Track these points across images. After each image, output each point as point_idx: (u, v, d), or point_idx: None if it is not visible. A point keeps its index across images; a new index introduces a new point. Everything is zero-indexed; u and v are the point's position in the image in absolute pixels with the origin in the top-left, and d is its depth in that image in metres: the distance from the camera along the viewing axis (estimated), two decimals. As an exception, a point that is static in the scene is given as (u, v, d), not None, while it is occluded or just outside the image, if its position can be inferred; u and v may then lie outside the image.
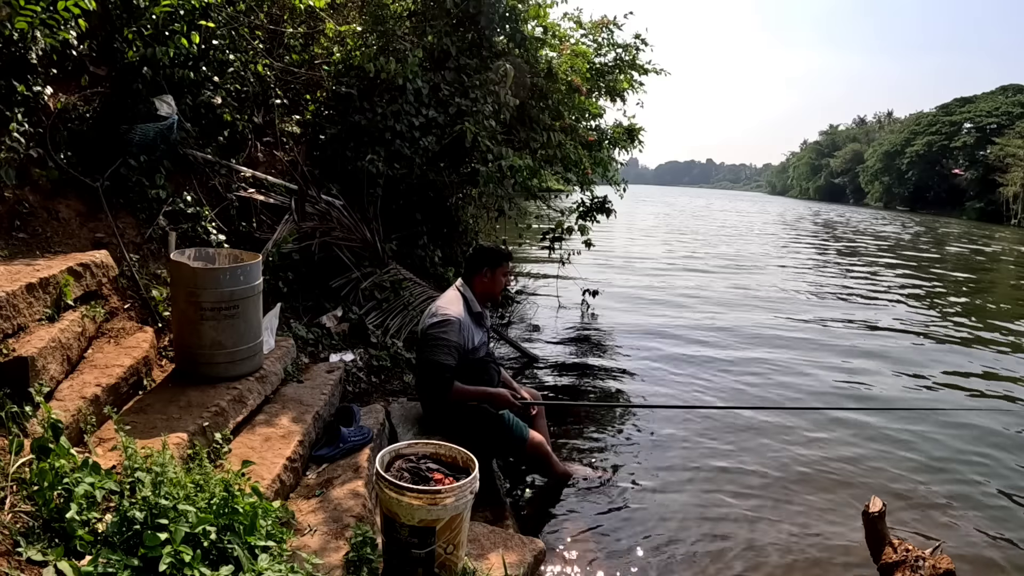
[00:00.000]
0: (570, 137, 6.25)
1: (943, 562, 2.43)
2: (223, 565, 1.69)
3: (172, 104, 3.60)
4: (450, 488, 1.98)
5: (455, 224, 6.31)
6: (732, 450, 3.96)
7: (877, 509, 2.62)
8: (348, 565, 2.01)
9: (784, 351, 6.33)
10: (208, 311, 2.77)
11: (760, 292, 9.82)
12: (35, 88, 3.05)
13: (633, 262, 12.29)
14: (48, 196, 3.11)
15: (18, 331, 2.29)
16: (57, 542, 1.65)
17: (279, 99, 4.79)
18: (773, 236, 21.87)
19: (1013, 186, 44.58)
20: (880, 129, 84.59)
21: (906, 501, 3.45)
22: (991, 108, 55.81)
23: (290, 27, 5.13)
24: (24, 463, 1.80)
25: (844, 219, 36.33)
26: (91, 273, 2.80)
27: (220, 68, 4.21)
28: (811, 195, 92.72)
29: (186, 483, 1.88)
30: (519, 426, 3.15)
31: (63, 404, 2.22)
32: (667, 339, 6.58)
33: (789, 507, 3.32)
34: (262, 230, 4.29)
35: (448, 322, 3.05)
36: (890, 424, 4.52)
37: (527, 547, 2.48)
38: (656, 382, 5.24)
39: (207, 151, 4.09)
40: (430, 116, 4.90)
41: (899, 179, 63.36)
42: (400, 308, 4.67)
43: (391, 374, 4.21)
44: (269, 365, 3.13)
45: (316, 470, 2.76)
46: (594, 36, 6.79)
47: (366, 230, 4.75)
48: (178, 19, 3.70)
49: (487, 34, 5.31)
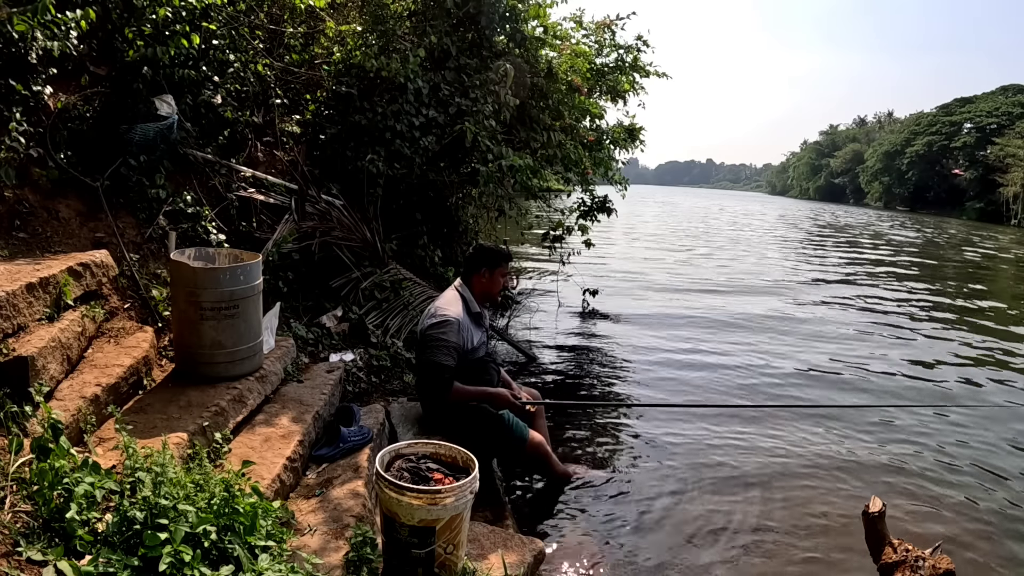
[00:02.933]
0: (570, 137, 6.25)
1: (943, 562, 2.43)
2: (223, 565, 1.69)
3: (172, 104, 3.59)
4: (450, 488, 1.98)
5: (455, 224, 6.31)
6: (732, 449, 3.96)
7: (877, 509, 2.62)
8: (348, 565, 2.01)
9: (785, 349, 6.33)
10: (208, 311, 2.77)
11: (771, 299, 9.82)
12: (35, 88, 3.05)
13: (635, 276, 11.06)
14: (48, 196, 3.11)
15: (18, 331, 2.29)
16: (57, 542, 1.65)
17: (279, 99, 4.79)
18: (783, 239, 21.79)
19: (1013, 186, 44.58)
20: (880, 129, 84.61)
21: (906, 501, 3.45)
22: (991, 108, 55.81)
23: (290, 27, 5.13)
24: (24, 463, 1.81)
25: (861, 222, 33.43)
26: (91, 273, 2.80)
27: (220, 68, 4.21)
28: (811, 195, 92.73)
29: (186, 483, 1.88)
30: (519, 426, 3.15)
31: (63, 404, 2.22)
32: (668, 338, 6.58)
33: (789, 506, 3.32)
34: (262, 230, 4.29)
35: (447, 323, 3.05)
36: (890, 424, 4.52)
37: (527, 547, 2.48)
38: (656, 381, 5.24)
39: (207, 151, 4.09)
40: (430, 116, 4.90)
41: (899, 179, 63.38)
42: (400, 308, 4.67)
43: (391, 374, 4.21)
44: (269, 365, 3.13)
45: (316, 470, 2.76)
46: (596, 36, 6.79)
47: (366, 230, 4.75)
48: (179, 19, 3.70)
49: (487, 34, 5.31)
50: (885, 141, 70.31)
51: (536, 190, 5.82)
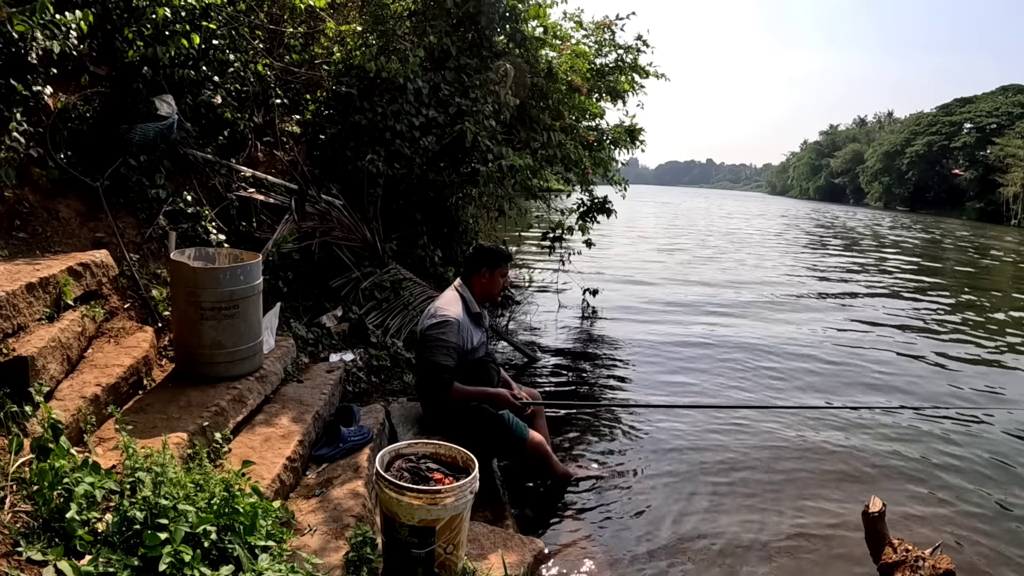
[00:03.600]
0: (570, 137, 6.25)
1: (943, 562, 2.43)
2: (223, 565, 1.69)
3: (172, 104, 3.59)
4: (450, 488, 1.98)
5: (455, 224, 6.31)
6: (732, 449, 3.96)
7: (877, 509, 2.62)
8: (348, 565, 2.01)
9: (786, 350, 6.33)
10: (208, 311, 2.77)
11: (776, 298, 9.82)
12: (35, 88, 3.05)
13: (636, 276, 10.88)
14: (48, 196, 3.11)
15: (18, 331, 2.29)
16: (57, 542, 1.65)
17: (279, 99, 4.79)
18: (784, 239, 21.79)
19: (1013, 186, 44.59)
20: (880, 129, 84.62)
21: (906, 501, 3.45)
22: (991, 108, 55.82)
23: (290, 27, 5.13)
24: (24, 463, 1.81)
25: (868, 225, 32.02)
26: (91, 273, 2.80)
27: (220, 68, 4.21)
28: (811, 195, 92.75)
29: (186, 483, 1.88)
30: (519, 426, 3.15)
31: (63, 404, 2.22)
32: (668, 338, 6.58)
33: (789, 507, 3.32)
34: (262, 230, 4.29)
35: (447, 323, 3.05)
36: (891, 425, 4.52)
37: (527, 547, 2.48)
38: (656, 381, 5.24)
39: (207, 151, 4.09)
40: (430, 116, 4.90)
41: (899, 179, 63.38)
42: (400, 308, 4.67)
43: (391, 374, 4.21)
44: (269, 365, 3.13)
45: (316, 470, 2.76)
46: (596, 37, 6.79)
47: (366, 230, 4.75)
48: (179, 19, 3.70)
49: (487, 34, 5.31)
50: (885, 141, 70.32)
51: (536, 190, 5.82)
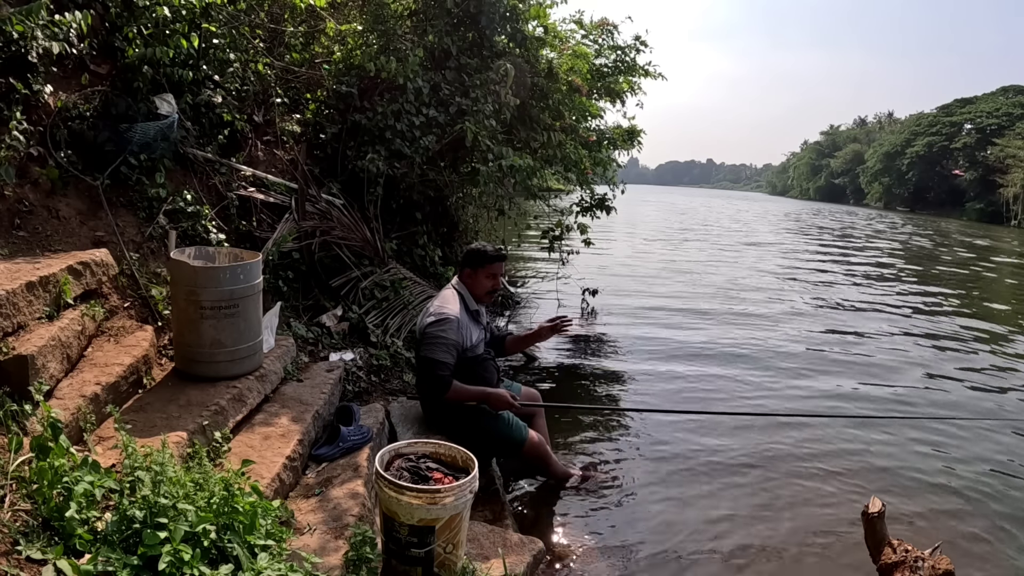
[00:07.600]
0: (570, 137, 6.25)
1: (943, 563, 2.43)
2: (222, 564, 1.70)
3: (172, 103, 3.59)
4: (449, 487, 1.98)
5: (455, 224, 6.31)
6: (732, 452, 3.95)
7: (877, 509, 2.62)
8: (348, 564, 2.01)
9: (787, 352, 6.33)
10: (208, 310, 2.77)
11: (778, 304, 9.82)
12: (35, 86, 3.05)
13: (636, 276, 10.86)
14: (48, 194, 3.10)
15: (18, 329, 2.29)
16: (56, 540, 1.65)
17: (279, 98, 4.78)
18: (784, 240, 21.79)
19: (1013, 187, 44.61)
20: (880, 130, 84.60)
21: (906, 502, 3.45)
22: (991, 109, 55.82)
23: (290, 26, 5.13)
24: (24, 461, 1.81)
25: (868, 225, 31.22)
26: (91, 272, 2.80)
27: (220, 67, 4.21)
28: (811, 195, 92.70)
29: (186, 482, 1.88)
30: (518, 426, 3.15)
31: (63, 402, 2.22)
32: (668, 339, 6.58)
33: (788, 508, 3.32)
34: (262, 229, 4.28)
35: (446, 320, 3.06)
36: (891, 429, 4.52)
37: (527, 547, 2.48)
38: (656, 383, 5.23)
39: (207, 150, 4.08)
40: (430, 115, 4.90)
41: (899, 180, 63.38)
42: (400, 307, 4.67)
43: (391, 373, 4.21)
44: (269, 364, 3.13)
45: (316, 469, 2.76)
46: (594, 38, 6.79)
47: (366, 229, 4.75)
48: (179, 19, 3.70)
49: (488, 34, 5.31)
50: (885, 142, 70.32)
51: (536, 190, 5.82)
